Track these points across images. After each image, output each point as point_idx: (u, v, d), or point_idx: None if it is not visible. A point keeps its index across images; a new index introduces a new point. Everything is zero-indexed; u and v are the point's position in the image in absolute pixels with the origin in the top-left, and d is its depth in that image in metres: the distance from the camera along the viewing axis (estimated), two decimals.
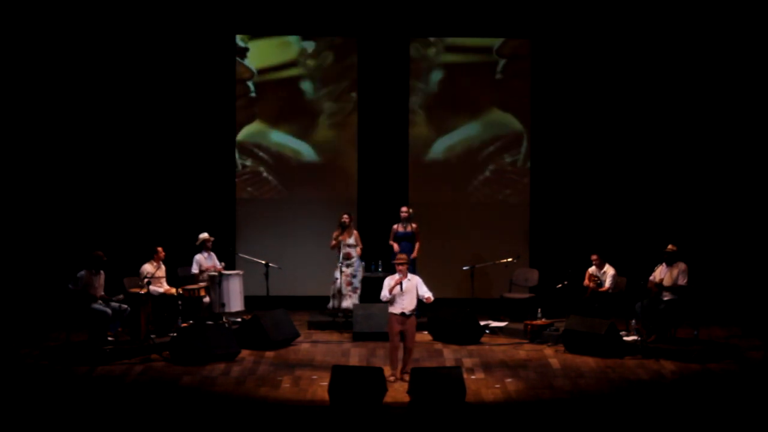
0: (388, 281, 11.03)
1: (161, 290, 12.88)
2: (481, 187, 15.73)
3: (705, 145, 15.19)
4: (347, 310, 13.88)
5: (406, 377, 10.74)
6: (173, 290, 12.91)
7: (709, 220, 15.17)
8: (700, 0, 14.91)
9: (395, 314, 11.02)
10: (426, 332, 13.51)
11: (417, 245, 14.14)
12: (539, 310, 13.43)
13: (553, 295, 13.66)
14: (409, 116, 15.65)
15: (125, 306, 12.44)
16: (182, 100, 15.37)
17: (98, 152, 15.23)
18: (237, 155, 15.66)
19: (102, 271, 12.41)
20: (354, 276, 14.06)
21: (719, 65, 15.04)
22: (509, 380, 11.14)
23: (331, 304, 14.12)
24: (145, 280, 12.61)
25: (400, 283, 10.94)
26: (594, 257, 13.31)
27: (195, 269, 13.57)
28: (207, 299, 13.38)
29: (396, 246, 14.07)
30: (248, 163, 15.71)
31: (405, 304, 10.99)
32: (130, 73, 15.22)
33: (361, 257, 14.15)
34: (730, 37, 14.90)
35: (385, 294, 11.02)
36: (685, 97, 15.21)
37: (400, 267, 11.03)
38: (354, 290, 14.06)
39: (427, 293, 11.08)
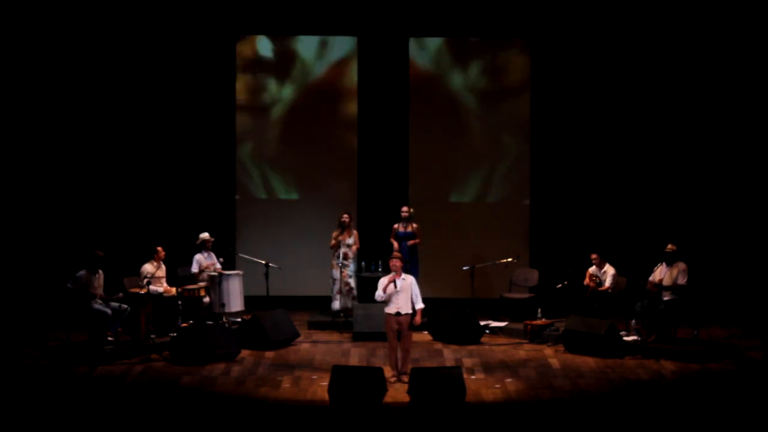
0: (383, 280, 11.03)
1: (161, 290, 12.87)
2: (481, 187, 15.72)
3: (705, 145, 15.19)
4: (346, 310, 13.88)
5: (405, 378, 10.74)
6: (173, 290, 12.91)
7: (708, 219, 15.17)
8: (700, 0, 14.92)
9: (390, 314, 11.00)
10: (426, 332, 13.51)
11: (417, 240, 14.15)
12: (539, 310, 13.42)
13: (553, 295, 13.65)
14: (409, 116, 15.65)
15: (125, 306, 12.44)
16: (182, 99, 15.37)
17: (98, 152, 15.24)
18: (237, 155, 15.67)
19: (101, 271, 12.41)
20: (351, 276, 14.05)
21: (719, 66, 15.03)
22: (509, 380, 11.13)
23: (337, 305, 14.09)
24: (145, 280, 12.61)
25: (394, 282, 10.92)
26: (594, 257, 13.30)
27: (195, 268, 13.56)
28: (207, 299, 13.37)
29: (396, 244, 14.06)
30: (248, 163, 15.72)
31: (400, 304, 10.94)
32: (131, 73, 15.23)
33: (357, 257, 14.11)
34: (730, 37, 14.89)
35: (379, 293, 10.98)
36: (685, 98, 15.20)
37: (394, 262, 11.00)
38: (350, 290, 14.05)
39: (417, 301, 10.97)
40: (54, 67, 14.99)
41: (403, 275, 11.06)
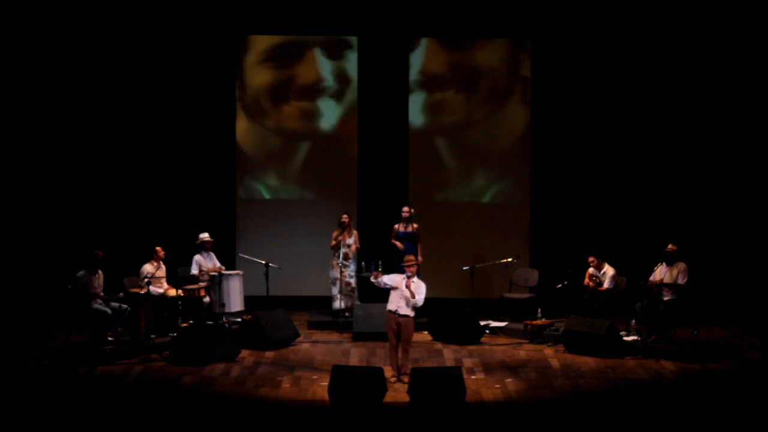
0: (396, 277, 10.99)
1: (161, 290, 12.88)
2: (481, 187, 15.72)
3: (705, 145, 15.20)
4: (347, 311, 13.88)
5: (405, 378, 10.73)
6: (173, 290, 12.91)
7: (709, 219, 15.18)
8: (700, 0, 14.93)
9: (390, 311, 10.98)
10: (426, 332, 13.51)
11: (420, 247, 14.10)
12: (539, 310, 13.41)
13: (553, 295, 13.65)
14: (409, 116, 15.66)
15: (125, 306, 12.44)
16: (182, 99, 15.37)
17: (98, 152, 15.25)
18: (237, 155, 15.67)
19: (101, 271, 12.41)
20: (352, 276, 14.04)
21: (719, 65, 15.03)
22: (509, 380, 11.13)
23: (338, 305, 14.04)
24: (145, 280, 12.61)
25: (409, 288, 10.87)
26: (591, 259, 13.26)
27: (194, 270, 13.56)
28: (207, 299, 13.38)
29: (399, 244, 14.01)
30: (248, 163, 15.72)
31: (401, 303, 10.94)
32: (131, 72, 15.23)
33: (357, 257, 14.07)
34: (730, 37, 14.90)
35: (380, 279, 10.95)
36: (685, 98, 15.21)
37: (410, 268, 10.98)
38: (352, 291, 14.04)
39: (418, 299, 10.95)
40: (54, 68, 14.99)
41: (415, 279, 11.04)
